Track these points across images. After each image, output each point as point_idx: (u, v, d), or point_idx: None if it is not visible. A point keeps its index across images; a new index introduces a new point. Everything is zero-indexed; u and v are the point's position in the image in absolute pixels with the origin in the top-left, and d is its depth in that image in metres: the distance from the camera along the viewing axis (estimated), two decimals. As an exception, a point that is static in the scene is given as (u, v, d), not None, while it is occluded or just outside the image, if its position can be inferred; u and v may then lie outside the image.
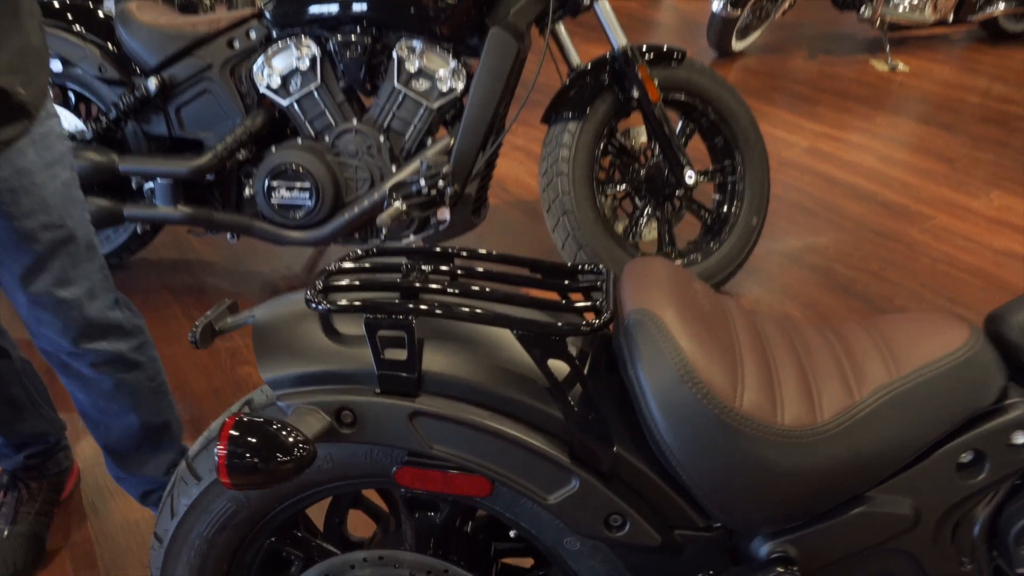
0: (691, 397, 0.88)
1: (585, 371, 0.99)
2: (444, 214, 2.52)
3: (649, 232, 2.67)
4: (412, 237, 2.55)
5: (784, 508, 0.91)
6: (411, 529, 1.13)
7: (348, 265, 1.07)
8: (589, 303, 0.98)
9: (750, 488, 0.90)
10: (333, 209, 2.50)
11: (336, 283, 1.02)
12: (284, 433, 0.90)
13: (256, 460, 0.88)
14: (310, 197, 2.47)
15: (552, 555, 1.07)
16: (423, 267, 1.06)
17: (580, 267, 1.10)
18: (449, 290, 0.99)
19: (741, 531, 0.96)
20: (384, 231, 2.35)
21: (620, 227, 2.64)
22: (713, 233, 2.67)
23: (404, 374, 0.95)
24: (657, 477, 0.96)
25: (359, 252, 1.12)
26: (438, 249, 1.13)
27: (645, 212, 2.65)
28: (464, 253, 1.12)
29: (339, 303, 0.96)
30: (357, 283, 1.02)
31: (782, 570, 0.92)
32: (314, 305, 0.97)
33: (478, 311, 0.94)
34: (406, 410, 0.95)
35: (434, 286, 1.00)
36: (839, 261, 2.90)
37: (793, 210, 3.24)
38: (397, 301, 0.95)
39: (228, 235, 2.60)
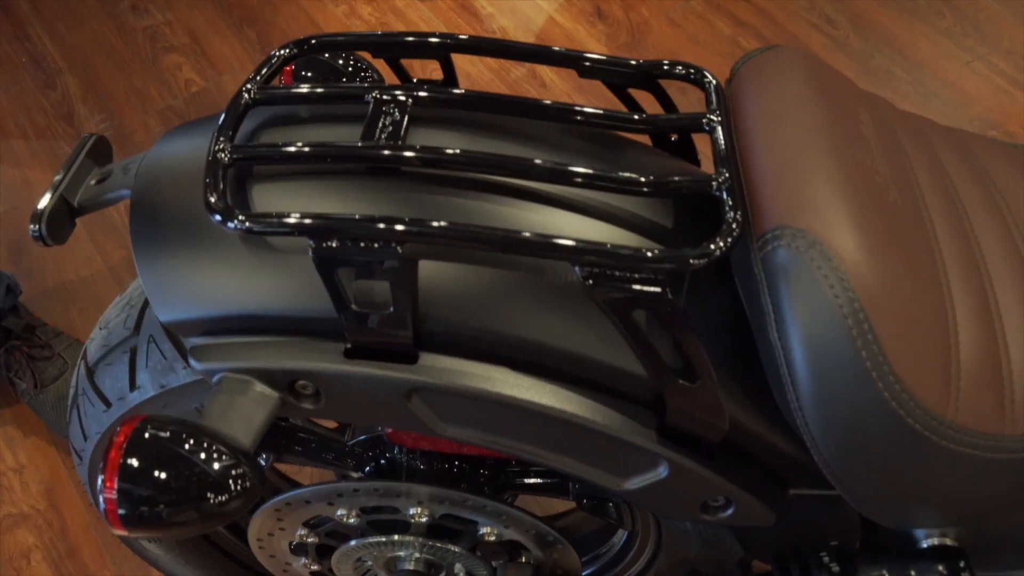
0: (879, 400, 0.53)
1: (682, 300, 0.61)
2: None
3: None
4: None
5: (972, 519, 0.62)
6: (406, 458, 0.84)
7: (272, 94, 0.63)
8: (691, 179, 0.58)
9: (932, 504, 0.59)
10: None
11: (255, 152, 0.60)
12: (206, 455, 0.56)
13: (168, 508, 0.55)
14: None
15: None
16: (402, 97, 0.62)
17: (662, 67, 0.67)
18: (449, 151, 0.58)
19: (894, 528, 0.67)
20: None
21: None
22: None
23: (390, 329, 0.58)
24: (777, 437, 0.65)
25: (284, 53, 0.67)
26: (432, 39, 0.68)
27: None
28: (468, 41, 0.68)
29: (265, 220, 0.55)
30: (290, 150, 0.59)
31: (945, 571, 0.64)
32: (218, 218, 0.56)
33: (511, 235, 0.54)
34: (400, 385, 0.60)
35: (414, 154, 0.58)
36: None
37: None
38: (362, 217, 0.54)
39: None
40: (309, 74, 0.76)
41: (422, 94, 0.63)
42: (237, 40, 1.90)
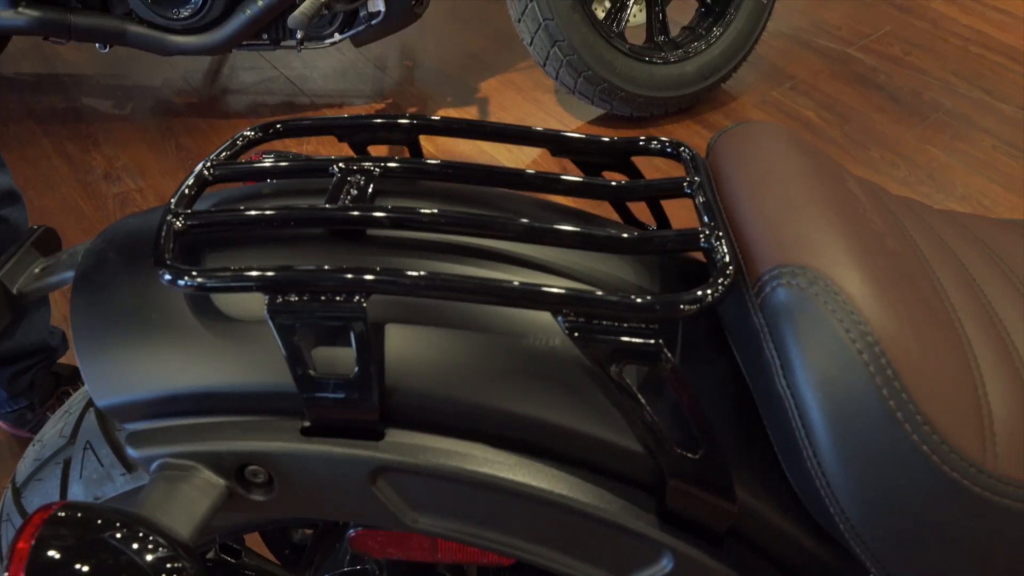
0: (908, 444, 0.47)
1: (676, 355, 0.56)
2: (376, 4, 1.95)
3: (636, 17, 2.15)
4: (337, 37, 2.00)
5: None
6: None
7: (233, 164, 0.60)
8: (677, 233, 0.54)
9: (971, 566, 0.52)
10: (230, 3, 1.91)
11: (211, 218, 0.56)
12: (139, 544, 0.48)
13: (87, 611, 0.46)
14: (197, -11, 1.88)
15: None
16: (367, 166, 0.59)
17: (638, 143, 0.65)
18: (421, 210, 0.54)
19: None
20: (299, 34, 1.79)
21: (600, 11, 2.11)
22: (715, 16, 2.15)
23: (353, 401, 0.52)
24: (791, 525, 0.57)
25: (249, 135, 0.64)
26: (402, 120, 0.66)
27: (631, -8, 2.11)
28: (438, 123, 0.66)
29: (219, 275, 0.51)
30: (250, 213, 0.55)
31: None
32: (168, 277, 0.52)
33: (484, 278, 0.50)
34: (364, 464, 0.53)
35: (379, 214, 0.54)
36: (854, 44, 2.42)
37: (795, -22, 2.70)
38: (323, 268, 0.50)
39: (97, 44, 2.00)
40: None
41: (391, 164, 0.60)
42: (208, 201, 1.90)
